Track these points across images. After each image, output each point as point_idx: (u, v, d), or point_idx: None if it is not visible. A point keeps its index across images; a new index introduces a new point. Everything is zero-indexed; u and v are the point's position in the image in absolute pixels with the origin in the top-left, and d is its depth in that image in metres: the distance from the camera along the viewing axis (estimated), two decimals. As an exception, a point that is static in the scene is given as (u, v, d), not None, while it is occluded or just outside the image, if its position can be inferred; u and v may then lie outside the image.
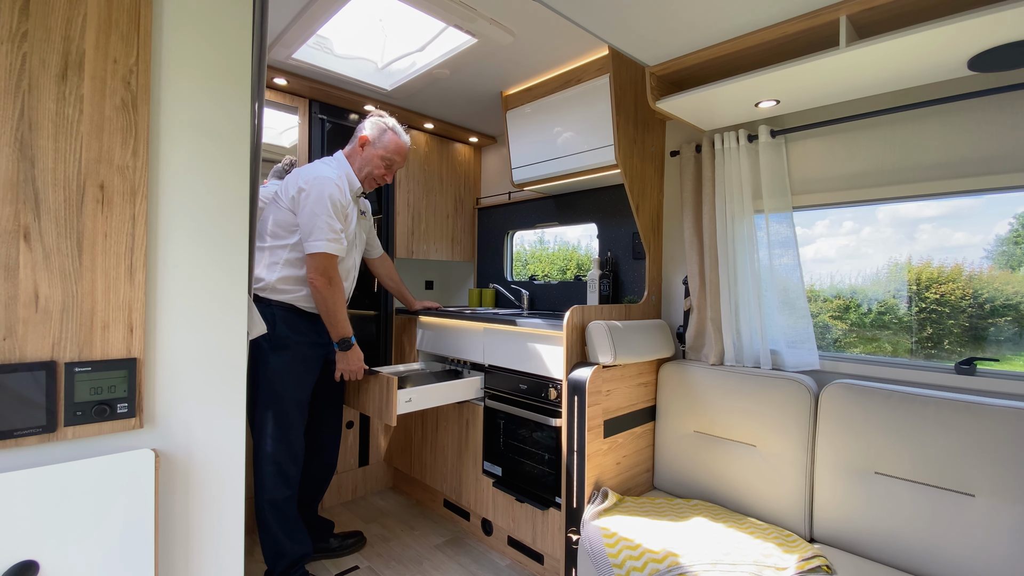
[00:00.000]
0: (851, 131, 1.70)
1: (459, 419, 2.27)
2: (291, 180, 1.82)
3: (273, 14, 1.75)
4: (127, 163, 0.85)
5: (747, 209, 1.83)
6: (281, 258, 1.78)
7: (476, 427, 2.18)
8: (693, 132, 2.08)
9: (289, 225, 1.78)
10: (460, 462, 2.27)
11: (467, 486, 2.24)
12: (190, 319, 0.93)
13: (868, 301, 1.85)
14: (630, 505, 1.72)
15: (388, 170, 1.95)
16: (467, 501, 2.24)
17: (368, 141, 1.92)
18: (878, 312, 1.83)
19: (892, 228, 1.79)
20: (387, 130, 1.93)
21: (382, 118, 1.96)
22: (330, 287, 1.74)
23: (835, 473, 1.55)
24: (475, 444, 2.19)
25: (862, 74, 1.40)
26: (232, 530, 0.97)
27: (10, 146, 0.74)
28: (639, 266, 2.30)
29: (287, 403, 1.79)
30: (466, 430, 2.24)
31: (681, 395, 1.93)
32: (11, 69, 0.73)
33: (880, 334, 1.82)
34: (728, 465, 1.77)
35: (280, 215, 1.80)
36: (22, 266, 0.75)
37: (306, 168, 1.86)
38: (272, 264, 1.78)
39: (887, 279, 1.81)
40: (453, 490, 2.31)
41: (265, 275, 1.78)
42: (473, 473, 2.20)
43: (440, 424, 2.39)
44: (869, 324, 1.85)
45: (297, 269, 1.79)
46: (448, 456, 2.34)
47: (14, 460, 0.74)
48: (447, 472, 2.35)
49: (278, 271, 1.78)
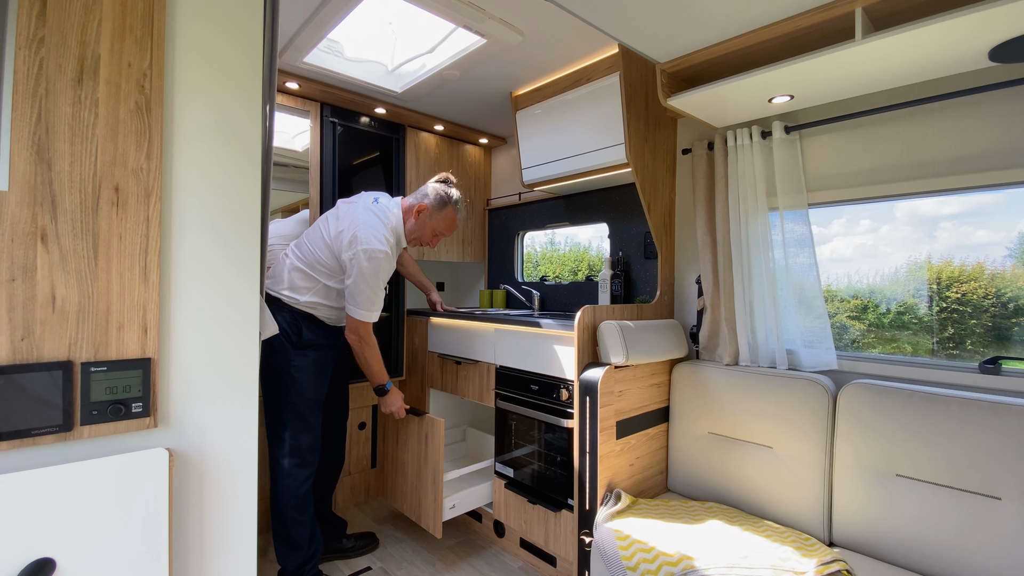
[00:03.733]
0: (868, 126, 1.66)
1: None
2: (345, 225, 1.81)
3: (284, 19, 1.76)
4: (141, 165, 0.86)
5: (761, 207, 1.80)
6: (316, 285, 1.86)
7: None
8: (705, 130, 2.06)
9: (331, 267, 1.84)
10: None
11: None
12: (203, 319, 0.94)
13: (887, 301, 1.81)
14: (644, 507, 1.70)
15: (437, 238, 2.01)
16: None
17: (426, 210, 1.93)
18: (897, 312, 1.78)
19: (911, 226, 1.75)
20: (447, 204, 1.94)
21: (447, 188, 1.96)
22: (363, 344, 1.87)
23: (855, 475, 1.51)
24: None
25: (879, 67, 1.37)
26: (245, 529, 0.98)
27: (28, 149, 0.75)
28: (651, 266, 2.28)
29: (308, 401, 1.85)
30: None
31: (695, 396, 1.90)
32: (28, 74, 0.74)
33: (899, 334, 1.77)
34: (744, 467, 1.74)
35: (325, 256, 1.83)
36: (39, 267, 0.76)
37: (363, 221, 1.80)
38: (306, 288, 1.85)
39: (906, 278, 1.77)
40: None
41: (296, 296, 1.85)
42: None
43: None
44: (888, 324, 1.81)
45: (326, 298, 1.87)
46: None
47: (31, 459, 0.75)
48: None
49: (309, 296, 1.85)
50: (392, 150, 2.69)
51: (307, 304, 1.85)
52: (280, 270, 1.89)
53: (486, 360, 2.19)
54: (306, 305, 1.85)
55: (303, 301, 1.84)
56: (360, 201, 1.91)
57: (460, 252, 3.03)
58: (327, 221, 1.89)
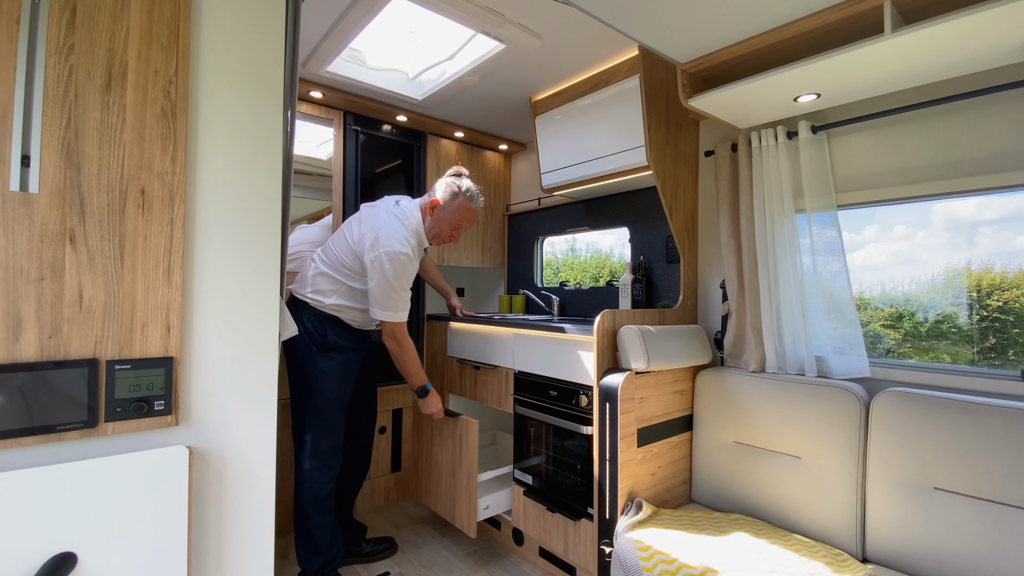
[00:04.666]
0: (898, 124, 1.61)
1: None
2: (367, 228, 1.83)
3: (307, 28, 1.80)
4: (166, 169, 0.88)
5: (788, 209, 1.75)
6: (341, 288, 1.88)
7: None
8: (728, 131, 2.02)
9: (355, 270, 1.87)
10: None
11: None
12: (224, 320, 0.95)
13: (923, 309, 1.73)
14: (666, 518, 1.65)
15: (456, 232, 1.99)
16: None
17: (439, 204, 1.93)
18: (935, 321, 1.71)
19: (949, 232, 1.68)
20: (459, 195, 1.93)
21: (457, 179, 1.96)
22: (401, 348, 1.90)
23: (889, 488, 1.44)
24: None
25: (909, 62, 1.33)
26: (263, 528, 0.98)
27: (58, 153, 0.78)
28: (673, 270, 2.23)
29: (333, 403, 1.86)
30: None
31: (720, 403, 1.85)
32: (59, 80, 0.77)
33: (937, 344, 1.70)
34: (771, 478, 1.68)
35: (349, 259, 1.87)
36: (68, 267, 0.78)
37: (385, 223, 1.82)
38: (331, 291, 1.88)
39: (944, 286, 1.69)
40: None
41: (321, 298, 1.87)
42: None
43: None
44: (925, 334, 1.73)
45: (351, 300, 1.89)
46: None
47: (56, 454, 0.77)
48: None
49: (334, 298, 1.87)
50: (413, 157, 2.72)
51: (332, 307, 1.87)
52: (306, 274, 1.92)
53: (504, 365, 2.18)
54: (331, 308, 1.87)
55: (328, 304, 1.87)
56: (382, 204, 1.94)
57: (480, 257, 3.04)
58: (351, 225, 1.92)
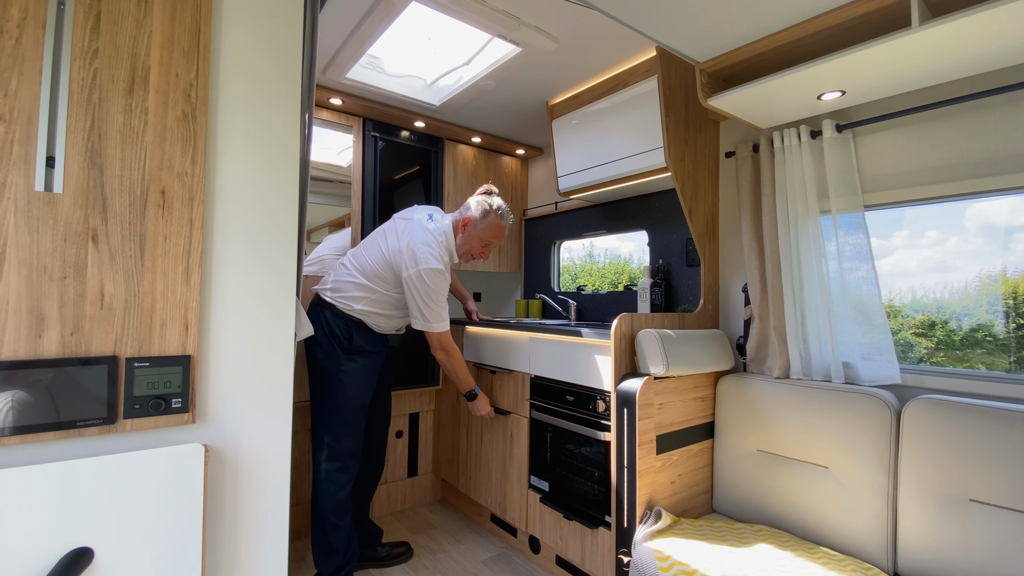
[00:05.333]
0: (928, 121, 1.55)
1: (504, 431, 2.23)
2: (404, 243, 1.87)
3: (327, 35, 1.84)
4: (186, 170, 0.89)
5: (812, 210, 1.70)
6: (372, 295, 1.91)
7: (522, 440, 2.14)
8: (749, 132, 1.98)
9: (387, 280, 1.90)
10: (505, 475, 2.23)
11: (513, 501, 2.18)
12: (241, 319, 0.96)
13: (957, 317, 1.66)
14: (686, 527, 1.61)
15: (486, 248, 2.05)
16: (513, 516, 2.19)
17: (471, 222, 1.98)
18: (969, 329, 1.63)
19: (982, 237, 1.61)
20: (490, 213, 1.98)
21: (488, 198, 2.01)
22: (450, 357, 1.99)
23: (922, 499, 1.38)
24: (521, 457, 2.14)
25: (938, 56, 1.28)
26: (277, 527, 0.98)
27: (82, 155, 0.80)
28: (693, 274, 2.19)
29: (355, 406, 1.89)
30: (511, 443, 2.19)
31: (743, 410, 1.80)
32: (83, 83, 0.79)
33: (971, 353, 1.62)
34: (796, 488, 1.63)
35: (383, 269, 1.90)
36: (90, 266, 0.80)
37: (420, 240, 1.86)
38: (361, 297, 1.91)
39: (978, 293, 1.62)
40: (499, 504, 2.27)
41: (350, 303, 1.90)
42: (519, 487, 2.15)
43: (485, 436, 2.36)
44: (959, 343, 1.66)
45: (379, 307, 1.93)
46: (493, 469, 2.30)
47: (76, 449, 0.79)
48: (492, 485, 2.31)
49: (362, 304, 1.91)
50: (431, 163, 2.74)
51: (359, 311, 1.90)
52: (338, 278, 1.95)
53: (520, 370, 2.16)
54: (359, 312, 1.90)
55: (356, 308, 1.90)
56: (416, 218, 1.97)
57: (496, 262, 3.03)
58: (385, 235, 1.95)
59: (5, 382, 0.73)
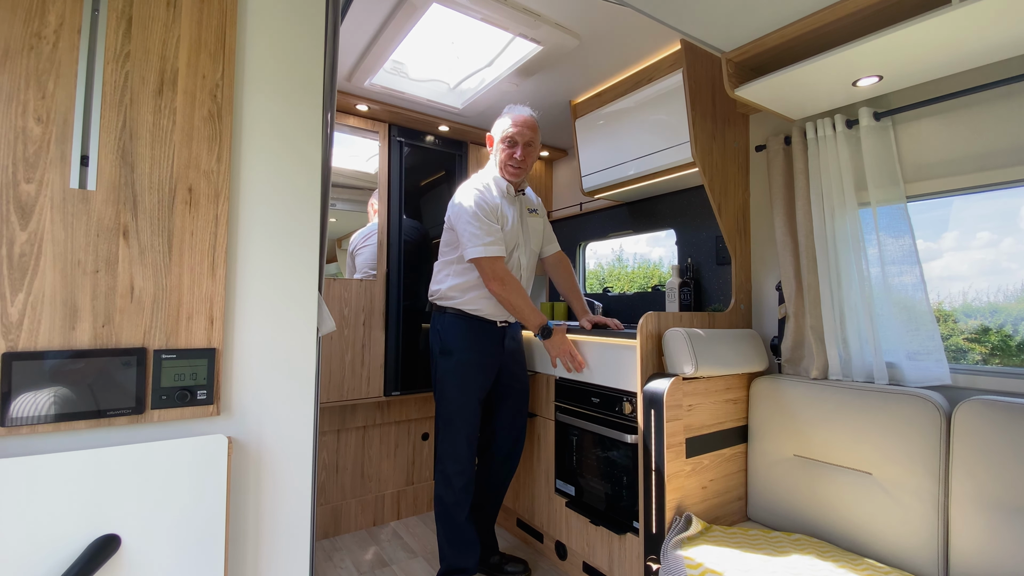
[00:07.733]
0: (974, 105, 1.46)
1: (530, 434, 2.21)
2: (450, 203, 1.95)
3: (350, 42, 1.88)
4: (212, 168, 0.92)
5: (850, 202, 1.63)
6: (450, 270, 1.93)
7: (547, 443, 2.10)
8: (780, 124, 1.91)
9: (451, 242, 1.93)
10: (531, 479, 2.20)
11: (539, 505, 2.15)
12: (264, 313, 0.98)
13: (1013, 322, 1.56)
14: (719, 535, 1.54)
15: (512, 148, 1.91)
16: (540, 521, 2.15)
17: (492, 139, 2.00)
18: (1028, 334, 1.53)
19: (1040, 237, 1.51)
20: (501, 116, 1.98)
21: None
22: (504, 287, 1.79)
23: (976, 508, 1.28)
24: (547, 461, 2.11)
25: (981, 35, 1.20)
26: (299, 520, 0.99)
27: (114, 153, 0.83)
28: (724, 272, 2.13)
29: (452, 407, 1.85)
30: (537, 446, 2.16)
31: (778, 413, 1.72)
32: (116, 85, 0.83)
33: (1029, 359, 1.52)
34: (837, 495, 1.54)
35: (446, 235, 1.95)
36: (120, 260, 0.83)
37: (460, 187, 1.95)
38: (445, 276, 1.93)
39: (1036, 297, 1.52)
40: (526, 509, 2.24)
41: (439, 286, 1.93)
42: (545, 492, 2.11)
43: (513, 439, 2.33)
44: (1015, 348, 1.56)
45: (461, 278, 1.90)
46: (519, 473, 2.27)
47: (105, 438, 0.81)
48: (519, 489, 2.28)
49: (448, 281, 1.91)
50: (455, 167, 2.76)
51: (450, 296, 1.88)
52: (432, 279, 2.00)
53: (545, 372, 2.14)
54: (449, 298, 1.89)
55: (447, 294, 1.89)
56: None
57: (522, 265, 3.02)
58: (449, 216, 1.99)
59: (42, 372, 0.76)
